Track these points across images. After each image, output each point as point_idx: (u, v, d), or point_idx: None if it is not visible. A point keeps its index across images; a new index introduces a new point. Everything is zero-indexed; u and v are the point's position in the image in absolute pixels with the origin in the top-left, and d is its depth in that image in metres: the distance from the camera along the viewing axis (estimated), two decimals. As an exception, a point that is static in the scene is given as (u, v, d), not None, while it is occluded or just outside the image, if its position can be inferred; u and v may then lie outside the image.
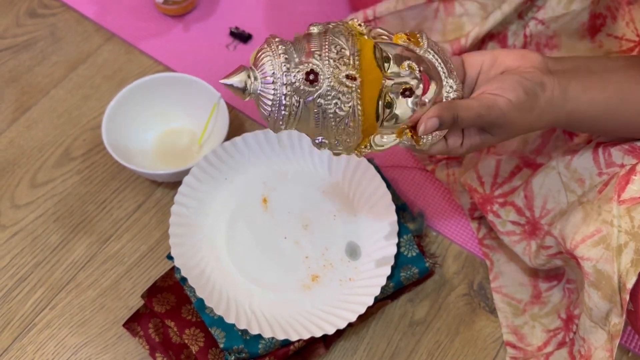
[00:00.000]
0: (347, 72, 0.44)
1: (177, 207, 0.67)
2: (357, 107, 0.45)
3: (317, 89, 0.44)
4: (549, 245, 0.59)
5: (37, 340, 0.69)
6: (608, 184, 0.54)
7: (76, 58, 0.89)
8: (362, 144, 0.48)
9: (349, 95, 0.44)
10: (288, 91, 0.44)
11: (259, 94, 0.44)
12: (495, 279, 0.72)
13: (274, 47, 0.44)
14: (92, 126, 0.83)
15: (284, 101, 0.44)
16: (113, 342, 0.69)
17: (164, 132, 0.81)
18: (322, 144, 0.47)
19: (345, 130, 0.46)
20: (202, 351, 0.63)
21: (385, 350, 0.69)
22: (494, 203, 0.66)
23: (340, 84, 0.44)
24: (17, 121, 0.84)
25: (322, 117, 0.45)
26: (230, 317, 0.61)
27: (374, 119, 0.47)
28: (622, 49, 0.64)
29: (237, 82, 0.44)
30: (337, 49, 0.44)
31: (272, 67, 0.44)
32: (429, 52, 0.50)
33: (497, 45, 0.70)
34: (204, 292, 0.62)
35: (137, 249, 0.75)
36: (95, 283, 0.73)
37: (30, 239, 0.75)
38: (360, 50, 0.45)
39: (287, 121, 0.45)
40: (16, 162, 0.81)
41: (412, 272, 0.69)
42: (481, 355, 0.69)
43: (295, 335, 0.61)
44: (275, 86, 0.44)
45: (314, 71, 0.43)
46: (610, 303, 0.53)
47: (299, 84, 0.43)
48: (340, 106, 0.44)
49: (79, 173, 0.80)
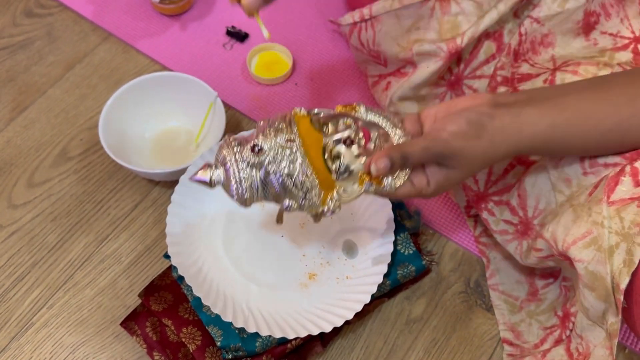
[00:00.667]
0: (286, 137, 0.51)
1: (174, 207, 0.68)
2: (304, 162, 0.51)
3: (264, 157, 0.50)
4: (540, 248, 0.59)
5: (34, 340, 0.70)
6: (598, 186, 0.54)
7: (73, 57, 0.89)
8: (327, 198, 0.53)
9: (293, 155, 0.51)
10: (242, 167, 0.51)
11: (222, 181, 0.51)
12: (492, 277, 0.73)
13: (229, 141, 0.52)
14: (89, 126, 0.84)
15: (242, 175, 0.51)
16: (110, 341, 0.69)
17: (161, 131, 0.81)
18: (290, 206, 0.52)
19: (303, 188, 0.51)
20: (200, 350, 0.63)
21: (382, 348, 0.69)
22: (489, 201, 0.66)
23: (282, 148, 0.50)
24: (14, 121, 0.84)
25: (278, 181, 0.51)
26: (227, 315, 0.62)
27: (327, 172, 0.52)
28: (616, 46, 0.64)
29: (202, 176, 0.51)
30: (276, 126, 0.52)
31: (227, 154, 0.51)
32: (368, 113, 0.55)
33: (494, 43, 0.70)
34: (201, 291, 0.63)
35: (134, 248, 0.75)
36: (93, 282, 0.73)
37: (27, 239, 0.75)
38: (296, 122, 0.52)
39: (252, 194, 0.51)
40: (13, 162, 0.81)
41: (408, 270, 0.69)
42: (478, 352, 0.69)
43: (292, 334, 0.62)
44: (232, 168, 0.51)
45: (256, 145, 0.50)
46: (605, 303, 0.53)
47: (248, 158, 0.50)
48: (289, 166, 0.50)
49: (76, 172, 0.80)
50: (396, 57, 0.74)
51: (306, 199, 0.52)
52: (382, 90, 0.81)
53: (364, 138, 0.54)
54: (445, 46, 0.69)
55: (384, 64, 0.78)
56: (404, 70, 0.77)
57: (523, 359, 0.67)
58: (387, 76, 0.80)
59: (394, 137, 0.54)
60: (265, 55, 0.89)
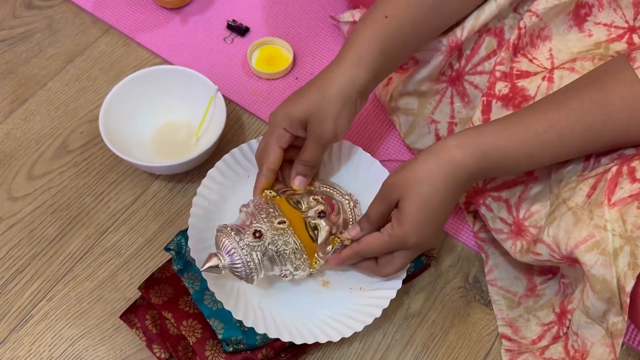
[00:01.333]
0: (279, 220, 0.60)
1: (199, 199, 0.66)
2: (295, 239, 0.60)
3: (264, 241, 0.59)
4: (539, 252, 0.59)
5: (34, 332, 0.70)
6: (596, 188, 0.54)
7: (73, 50, 0.89)
8: (312, 262, 0.63)
9: (286, 235, 0.60)
10: (246, 252, 0.59)
11: (230, 265, 0.59)
12: (491, 272, 0.73)
13: (227, 231, 0.59)
14: (89, 119, 0.83)
15: (247, 259, 0.59)
16: (110, 333, 0.70)
17: (162, 125, 0.81)
18: (286, 275, 0.62)
19: (297, 259, 0.61)
20: (200, 342, 0.63)
21: (381, 342, 0.70)
22: (487, 196, 0.67)
23: (277, 230, 0.60)
24: (13, 113, 0.84)
25: (278, 257, 0.60)
26: (239, 313, 0.61)
27: (311, 242, 0.62)
28: (611, 37, 0.64)
29: (213, 264, 0.59)
30: (265, 212, 0.61)
31: (229, 243, 0.59)
32: (321, 186, 0.68)
33: (495, 39, 0.70)
34: (214, 285, 0.62)
35: (134, 241, 0.75)
36: (93, 275, 0.73)
37: (27, 231, 0.75)
38: (279, 205, 0.62)
39: (257, 272, 0.60)
40: (13, 154, 0.81)
41: (408, 267, 0.69)
42: (476, 347, 0.70)
43: (300, 339, 0.61)
44: (237, 253, 0.59)
45: (257, 230, 0.59)
46: (607, 304, 0.53)
47: (251, 243, 0.59)
48: (284, 244, 0.60)
49: (76, 165, 0.80)
50: None
51: (299, 268, 0.61)
52: (382, 86, 0.82)
53: (330, 208, 0.65)
54: (445, 40, 0.69)
55: (385, 60, 0.78)
56: (405, 67, 0.77)
57: (521, 355, 0.67)
58: (387, 72, 0.80)
59: (345, 203, 0.67)
60: (266, 50, 0.88)
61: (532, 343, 0.67)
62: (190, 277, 0.67)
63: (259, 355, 0.64)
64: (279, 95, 0.86)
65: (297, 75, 0.88)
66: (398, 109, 0.78)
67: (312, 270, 0.63)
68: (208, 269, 0.59)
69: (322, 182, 0.69)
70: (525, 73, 0.66)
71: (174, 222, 0.76)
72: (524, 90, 0.64)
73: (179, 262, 0.67)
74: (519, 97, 0.64)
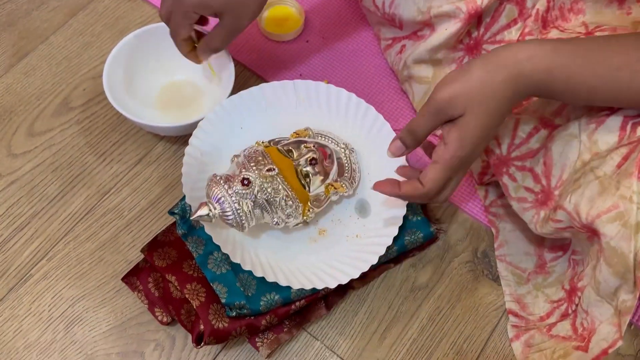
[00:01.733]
0: (267, 167, 0.61)
1: (191, 148, 0.66)
2: (285, 187, 0.61)
3: (253, 188, 0.60)
4: (560, 219, 0.57)
5: (33, 291, 0.68)
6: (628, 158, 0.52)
7: (76, 3, 0.86)
8: (305, 210, 0.63)
9: (276, 181, 0.61)
10: (236, 200, 0.59)
11: (220, 213, 0.60)
12: (500, 247, 0.72)
13: (217, 180, 0.60)
14: (92, 75, 0.81)
15: (237, 207, 0.59)
16: (111, 295, 0.68)
17: (166, 84, 0.78)
18: (278, 223, 0.62)
19: (288, 207, 0.61)
20: (203, 306, 0.62)
21: (386, 314, 0.69)
22: (511, 165, 0.64)
23: (266, 177, 0.60)
24: (14, 67, 0.81)
25: (268, 204, 0.61)
26: (236, 257, 0.62)
27: (303, 190, 0.63)
28: None
29: (203, 213, 0.59)
30: (254, 160, 0.61)
31: (219, 191, 0.59)
32: (317, 136, 0.68)
33: (516, 7, 0.67)
34: (212, 231, 0.62)
35: (137, 204, 0.73)
36: (94, 236, 0.71)
37: (27, 189, 0.74)
38: (269, 154, 0.62)
39: (248, 220, 0.60)
40: (13, 110, 0.78)
41: (416, 237, 0.68)
42: (482, 322, 0.69)
43: (297, 284, 0.61)
44: (227, 201, 0.59)
45: (245, 178, 0.60)
46: (620, 280, 0.52)
47: (240, 191, 0.59)
48: (274, 192, 0.60)
49: (78, 123, 0.78)
50: (413, 20, 0.71)
51: (290, 214, 0.62)
52: (395, 54, 0.79)
53: (323, 156, 0.65)
54: (464, 6, 0.66)
55: (400, 27, 0.75)
56: (420, 34, 0.74)
57: (528, 332, 0.66)
58: (401, 39, 0.77)
59: (339, 152, 0.68)
60: (276, 10, 0.85)
61: (540, 320, 0.66)
62: (194, 241, 0.65)
63: (262, 322, 0.63)
64: (288, 59, 0.83)
65: (308, 38, 0.85)
66: (411, 77, 0.76)
67: (305, 218, 0.63)
68: (198, 217, 0.59)
69: (315, 131, 0.69)
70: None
71: (178, 185, 0.75)
72: None
73: (183, 226, 0.66)
74: None
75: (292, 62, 0.83)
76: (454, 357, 0.67)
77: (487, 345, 0.68)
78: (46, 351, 0.66)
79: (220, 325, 0.62)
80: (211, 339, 0.62)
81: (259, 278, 0.63)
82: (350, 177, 0.67)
